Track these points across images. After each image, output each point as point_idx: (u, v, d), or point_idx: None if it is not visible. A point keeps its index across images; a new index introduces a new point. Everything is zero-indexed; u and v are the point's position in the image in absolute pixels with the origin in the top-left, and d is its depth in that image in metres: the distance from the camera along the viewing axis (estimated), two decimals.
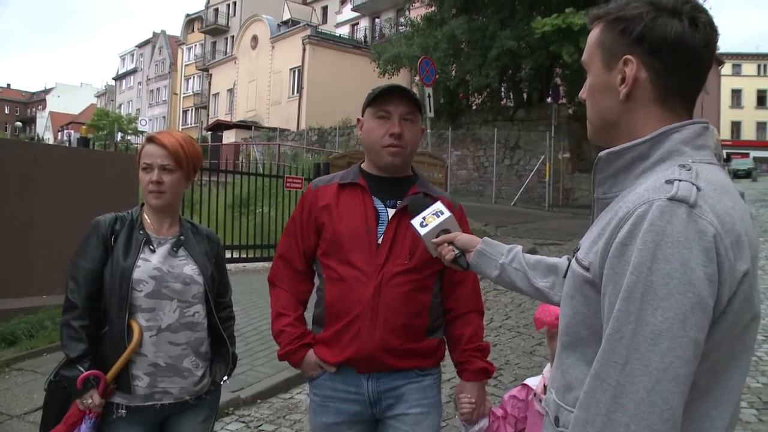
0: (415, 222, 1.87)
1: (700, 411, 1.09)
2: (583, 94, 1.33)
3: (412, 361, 2.16)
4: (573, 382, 1.21)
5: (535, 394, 2.27)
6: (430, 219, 1.85)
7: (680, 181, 1.06)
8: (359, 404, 2.17)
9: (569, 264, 1.29)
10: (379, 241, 2.15)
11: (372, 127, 2.20)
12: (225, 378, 2.41)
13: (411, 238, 2.13)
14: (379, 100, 2.19)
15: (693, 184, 1.05)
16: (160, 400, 2.22)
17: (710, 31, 1.18)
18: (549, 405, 1.32)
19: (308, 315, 2.34)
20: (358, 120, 2.31)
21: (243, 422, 4.41)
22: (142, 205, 2.38)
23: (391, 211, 2.19)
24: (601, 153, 1.23)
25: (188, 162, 2.32)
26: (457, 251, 1.79)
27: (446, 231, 1.84)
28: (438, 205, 1.89)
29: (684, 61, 1.17)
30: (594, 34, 1.27)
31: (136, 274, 2.19)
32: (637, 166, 1.18)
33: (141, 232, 2.28)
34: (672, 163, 1.13)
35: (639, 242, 1.03)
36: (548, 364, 2.34)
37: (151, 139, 2.31)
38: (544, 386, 2.24)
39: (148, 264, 2.22)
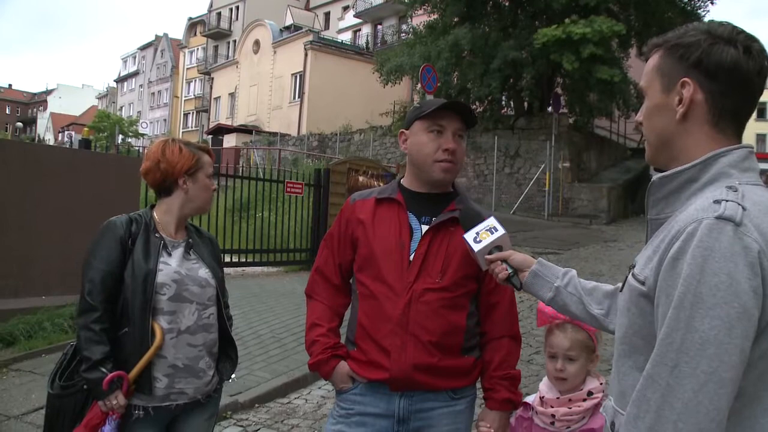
0: (469, 237, 1.83)
1: (751, 417, 1.15)
2: (639, 116, 1.41)
3: (447, 381, 2.11)
4: (627, 389, 1.28)
5: (533, 409, 2.28)
6: (484, 235, 1.81)
7: (727, 201, 1.15)
8: (386, 420, 2.12)
9: (626, 279, 1.37)
10: (411, 257, 2.11)
11: (423, 142, 2.16)
12: (233, 376, 2.48)
13: (443, 256, 2.11)
14: (433, 113, 2.15)
15: (739, 204, 1.14)
16: (176, 400, 2.26)
17: (762, 58, 1.27)
18: (607, 411, 1.41)
19: (343, 330, 2.31)
20: (402, 133, 2.27)
21: (241, 426, 4.41)
22: (152, 207, 2.43)
23: (425, 228, 2.15)
24: (654, 177, 1.32)
25: None
26: (510, 270, 1.78)
27: (499, 248, 1.81)
28: (492, 221, 1.84)
29: (738, 84, 1.26)
30: (653, 61, 1.36)
31: (159, 277, 2.23)
32: (688, 188, 1.27)
33: (156, 235, 2.31)
34: (720, 185, 1.22)
35: (689, 257, 1.12)
36: (544, 378, 2.35)
37: (208, 151, 2.48)
38: (540, 398, 2.26)
39: (169, 267, 2.27)
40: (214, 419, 2.49)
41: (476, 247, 1.80)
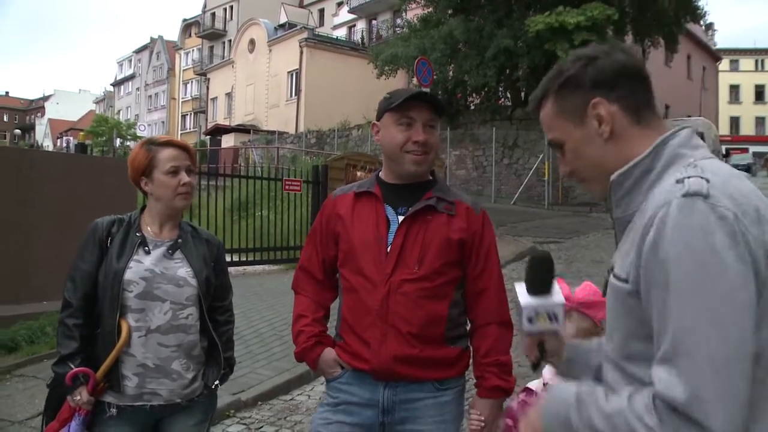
0: (526, 312, 1.49)
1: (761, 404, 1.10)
2: (566, 168, 1.40)
3: (431, 371, 2.10)
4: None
5: (537, 395, 2.27)
6: (542, 320, 1.49)
7: (689, 177, 1.14)
8: (371, 410, 2.12)
9: (606, 282, 1.34)
10: (388, 249, 2.11)
11: (393, 134, 2.15)
12: (216, 383, 2.39)
13: (420, 245, 2.10)
14: (401, 106, 2.13)
15: (701, 177, 1.13)
16: (150, 401, 2.24)
17: (633, 52, 1.35)
18: None
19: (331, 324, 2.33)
20: (374, 125, 2.26)
21: (244, 424, 4.43)
22: (143, 208, 2.41)
23: (401, 219, 2.14)
24: (612, 176, 1.31)
25: (196, 164, 2.46)
26: (540, 355, 1.55)
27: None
28: (559, 305, 1.50)
29: (634, 81, 1.31)
30: (548, 110, 1.38)
31: (128, 275, 2.22)
32: (646, 179, 1.26)
33: (138, 234, 2.30)
34: (677, 167, 1.21)
35: (668, 240, 1.10)
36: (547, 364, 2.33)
37: (170, 143, 2.36)
38: (544, 385, 2.25)
39: (140, 265, 2.25)
40: (206, 426, 2.42)
41: (526, 327, 1.50)
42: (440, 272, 2.10)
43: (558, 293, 1.50)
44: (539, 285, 1.49)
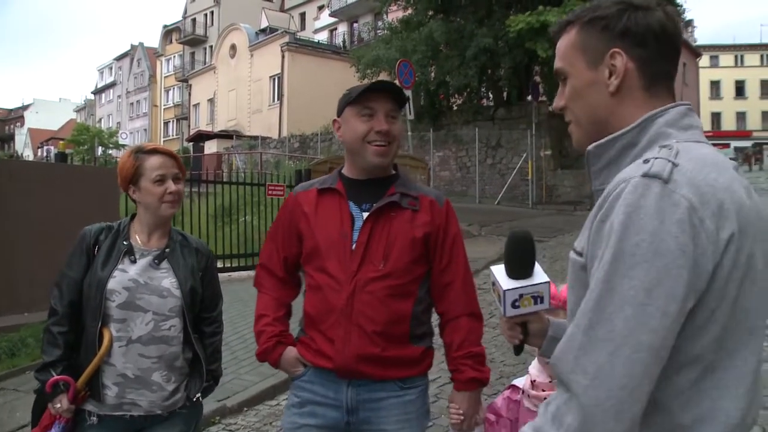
0: (509, 296, 1.38)
1: (713, 389, 1.10)
2: (560, 101, 1.34)
3: (394, 370, 2.09)
4: None
5: (523, 392, 2.26)
6: (527, 302, 1.40)
7: (656, 158, 1.10)
8: (336, 410, 2.11)
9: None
10: (353, 247, 2.09)
11: (355, 126, 2.12)
12: (198, 395, 2.36)
13: (385, 241, 2.09)
14: (361, 97, 2.11)
15: (669, 160, 1.09)
16: (129, 411, 2.22)
17: (678, 20, 1.27)
18: None
19: (295, 321, 2.32)
20: (335, 121, 2.24)
21: (230, 430, 4.40)
22: (132, 216, 2.39)
23: (366, 215, 2.12)
24: (590, 146, 1.27)
25: (185, 171, 2.43)
26: (522, 337, 1.46)
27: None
28: (544, 284, 1.40)
29: (666, 48, 1.25)
30: (569, 39, 1.31)
31: (111, 284, 2.20)
32: (628, 153, 1.22)
33: (125, 242, 2.29)
34: (656, 146, 1.17)
35: (614, 217, 1.08)
36: (534, 360, 2.32)
37: (156, 151, 2.34)
38: (531, 382, 2.24)
39: (124, 275, 2.23)
40: None
41: (509, 312, 1.40)
42: (406, 269, 2.09)
43: (540, 272, 1.41)
44: (521, 266, 1.40)
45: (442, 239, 2.16)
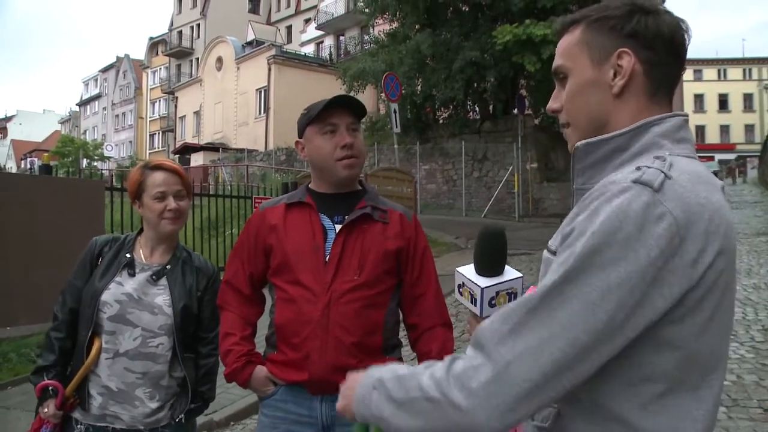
0: (487, 294, 1.36)
1: (683, 407, 1.08)
2: (556, 103, 1.30)
3: None
4: None
5: None
6: (502, 300, 1.37)
7: (649, 168, 1.07)
8: (312, 428, 2.09)
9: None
10: (327, 258, 2.10)
11: (320, 145, 2.16)
12: (181, 417, 2.31)
13: (359, 253, 2.10)
14: (321, 114, 2.15)
15: (662, 171, 1.06)
16: (112, 423, 2.23)
17: (685, 28, 1.24)
18: None
19: (261, 337, 2.29)
20: (297, 143, 2.27)
21: None
22: (140, 230, 2.41)
23: (339, 227, 2.14)
24: (579, 143, 1.23)
25: (191, 187, 2.44)
26: None
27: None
28: (517, 280, 1.40)
29: (673, 53, 1.21)
30: (574, 37, 1.26)
31: (105, 296, 2.23)
32: (617, 157, 1.19)
33: (127, 255, 2.31)
34: (650, 155, 1.14)
35: (595, 214, 1.05)
36: None
37: (160, 167, 2.35)
38: None
39: (119, 288, 2.25)
40: None
41: (487, 311, 1.35)
42: (380, 279, 2.12)
43: (511, 269, 1.40)
44: (495, 263, 1.38)
45: (413, 252, 2.21)
